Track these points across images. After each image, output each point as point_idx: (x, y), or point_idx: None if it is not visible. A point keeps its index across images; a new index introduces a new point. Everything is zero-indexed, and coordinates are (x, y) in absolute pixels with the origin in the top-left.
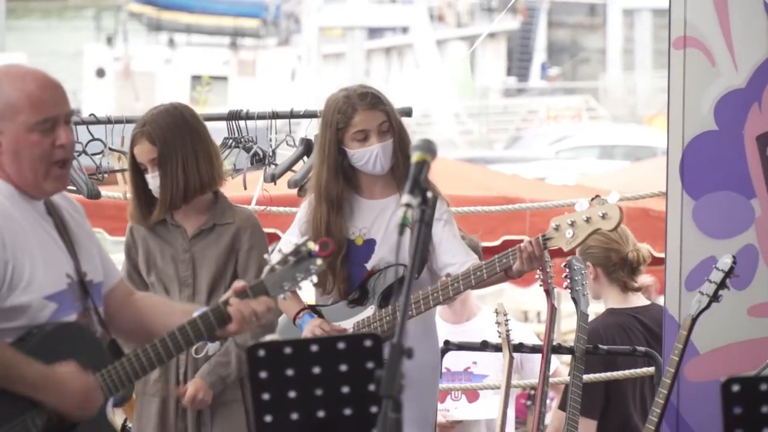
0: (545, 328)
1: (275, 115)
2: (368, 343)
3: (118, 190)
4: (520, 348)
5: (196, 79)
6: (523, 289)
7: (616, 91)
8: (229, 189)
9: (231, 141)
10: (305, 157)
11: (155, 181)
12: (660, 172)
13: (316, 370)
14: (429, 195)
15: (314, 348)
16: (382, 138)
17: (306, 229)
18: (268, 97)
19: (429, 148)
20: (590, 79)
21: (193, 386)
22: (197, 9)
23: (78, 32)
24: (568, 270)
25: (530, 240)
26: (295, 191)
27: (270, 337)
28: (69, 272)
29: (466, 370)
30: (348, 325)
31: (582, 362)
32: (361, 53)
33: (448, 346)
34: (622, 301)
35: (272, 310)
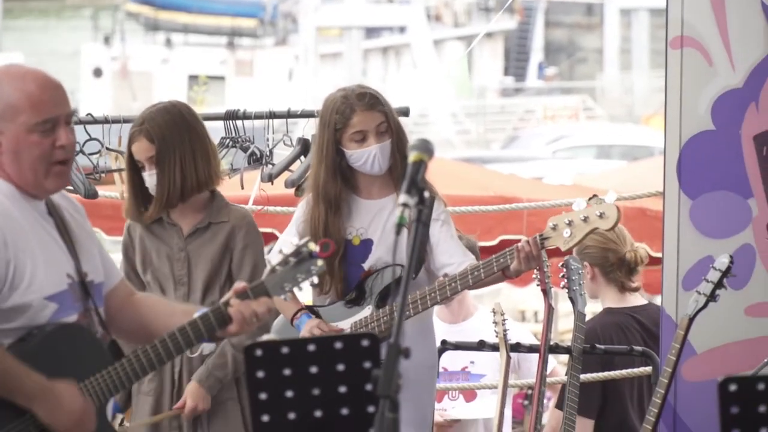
0: (542, 327)
1: (272, 115)
2: (365, 342)
3: (116, 190)
4: (517, 348)
5: (194, 78)
6: (520, 288)
7: (614, 90)
8: (226, 188)
9: (228, 141)
10: (302, 157)
11: (152, 179)
12: (657, 172)
13: (313, 369)
14: (426, 195)
15: (311, 348)
16: (380, 139)
17: (303, 229)
18: (265, 96)
19: (426, 148)
20: (587, 79)
21: (192, 398)
22: (194, 9)
23: (75, 32)
24: (565, 270)
25: (528, 240)
26: (292, 191)
27: (267, 337)
28: (70, 272)
29: (463, 370)
30: (345, 325)
31: (579, 362)
32: (358, 53)
33: (446, 345)
34: (620, 300)
35: (273, 311)
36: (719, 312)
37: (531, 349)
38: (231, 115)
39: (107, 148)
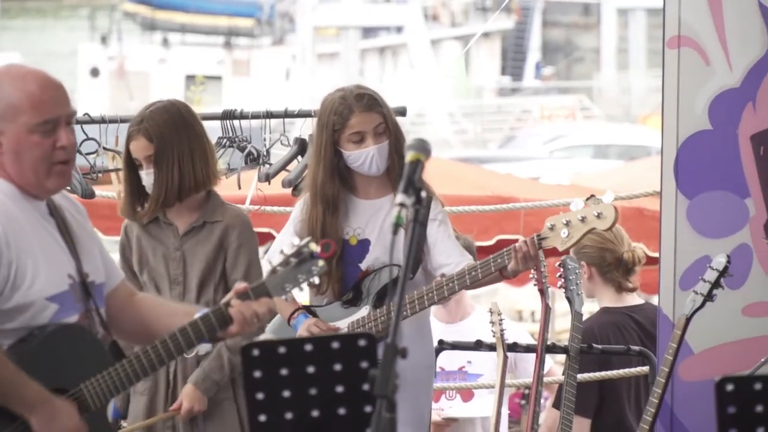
0: (539, 327)
1: (269, 115)
2: (362, 342)
3: (113, 190)
4: (514, 347)
5: (191, 78)
6: (517, 288)
7: (611, 90)
8: (224, 188)
9: (225, 140)
10: (299, 157)
11: (150, 178)
12: (654, 172)
13: (311, 369)
14: (423, 194)
15: (308, 347)
16: (378, 140)
17: (301, 229)
18: (262, 96)
19: (423, 148)
20: (584, 79)
21: (188, 400)
22: (191, 8)
23: (72, 32)
24: (562, 269)
25: (525, 240)
26: (289, 191)
27: (264, 337)
28: (71, 273)
29: (460, 370)
30: (343, 325)
31: (576, 361)
32: (355, 53)
33: (443, 345)
34: (617, 300)
35: (273, 311)
36: (716, 312)
37: (528, 348)
38: (228, 115)
39: (104, 148)
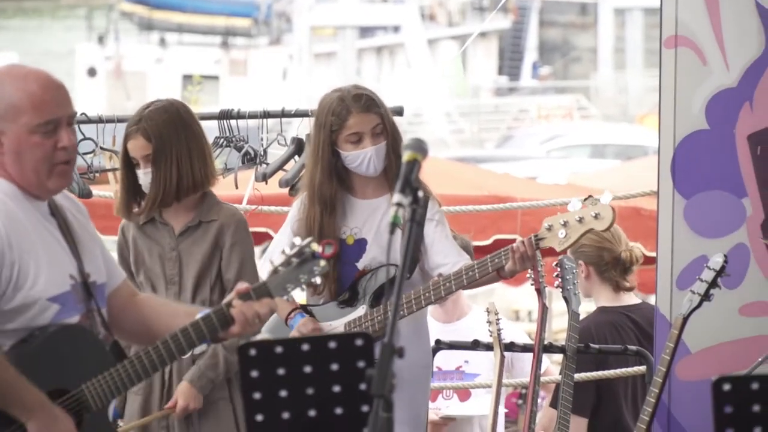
0: (536, 326)
1: (266, 115)
2: (359, 342)
3: (110, 190)
4: (511, 347)
5: (188, 78)
6: (514, 288)
7: (608, 90)
8: (220, 188)
9: (222, 140)
10: (296, 157)
11: (147, 177)
12: (651, 171)
13: (307, 369)
14: (420, 194)
15: (305, 347)
16: (376, 140)
17: (298, 228)
18: (259, 96)
19: (420, 148)
20: (581, 78)
21: (183, 398)
22: (189, 8)
23: (69, 32)
24: (559, 269)
25: (522, 240)
26: (286, 190)
27: (260, 336)
28: (72, 273)
29: (457, 369)
30: (339, 324)
31: (573, 361)
32: (352, 52)
33: (440, 345)
34: (614, 299)
35: (275, 311)
36: (713, 311)
37: (525, 348)
38: (225, 115)
39: (101, 148)
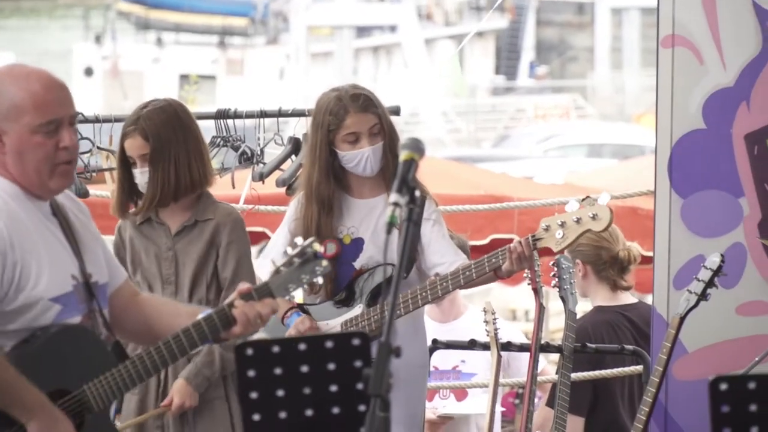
0: (533, 326)
1: (263, 114)
2: (356, 341)
3: (107, 189)
4: (508, 346)
5: (185, 78)
6: (511, 287)
7: (605, 89)
8: (217, 188)
9: (219, 140)
10: (293, 156)
11: (143, 177)
12: (648, 171)
13: (304, 368)
14: (417, 194)
15: (302, 347)
16: (373, 141)
17: (295, 227)
18: (256, 95)
19: (417, 147)
20: (578, 78)
21: (179, 396)
22: (185, 8)
23: (66, 31)
24: (556, 269)
25: (520, 240)
26: (283, 190)
27: (257, 336)
28: (74, 273)
29: (454, 369)
30: (336, 323)
31: (570, 360)
32: (349, 52)
33: (436, 344)
34: (610, 298)
35: (277, 312)
36: (710, 311)
37: (522, 348)
38: (222, 114)
39: (98, 147)
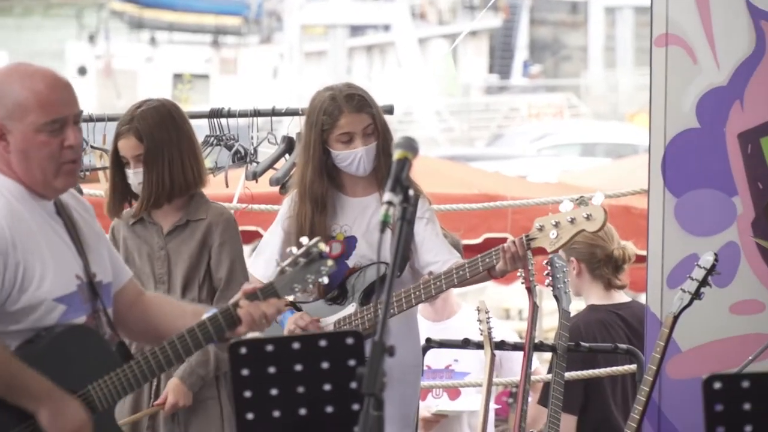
0: (527, 325)
1: (257, 113)
2: (350, 340)
3: (100, 188)
4: (501, 345)
5: (178, 77)
6: (504, 286)
7: (598, 88)
8: (211, 187)
9: (213, 139)
10: (287, 155)
11: (137, 177)
12: (642, 170)
13: (298, 367)
14: (410, 192)
15: (296, 345)
16: (367, 141)
17: (289, 226)
18: (249, 95)
19: (410, 146)
20: (572, 77)
21: (173, 394)
22: (179, 7)
23: (60, 30)
24: (549, 268)
25: (514, 240)
26: (276, 189)
27: (251, 335)
28: (78, 273)
29: (447, 368)
30: (329, 322)
31: (564, 359)
32: (343, 51)
33: (430, 343)
34: (604, 297)
35: (282, 312)
36: (704, 310)
37: (515, 347)
38: (215, 114)
39: (92, 147)
